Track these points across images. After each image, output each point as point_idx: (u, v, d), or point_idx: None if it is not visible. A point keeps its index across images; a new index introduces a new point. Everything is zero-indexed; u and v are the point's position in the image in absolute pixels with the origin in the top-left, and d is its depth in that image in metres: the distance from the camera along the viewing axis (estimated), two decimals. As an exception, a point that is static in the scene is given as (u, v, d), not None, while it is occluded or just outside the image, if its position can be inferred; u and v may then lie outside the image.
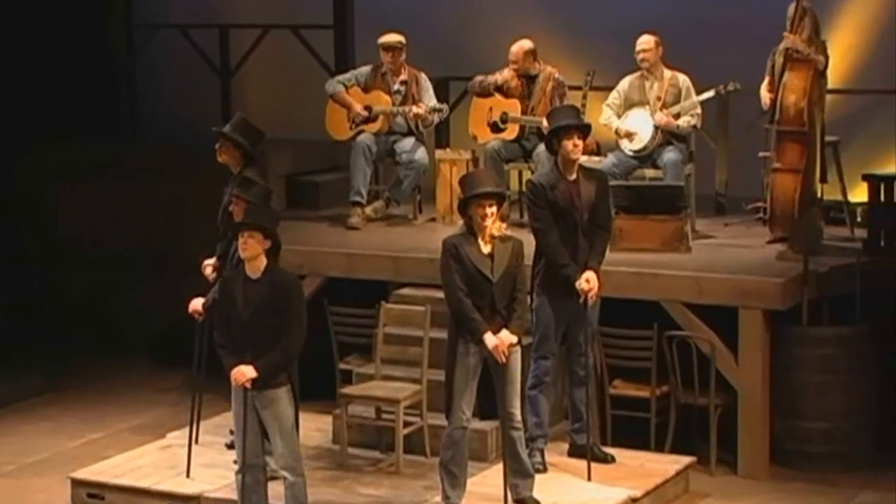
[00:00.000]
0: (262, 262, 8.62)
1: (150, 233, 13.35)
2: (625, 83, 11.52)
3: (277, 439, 8.64)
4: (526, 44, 11.87)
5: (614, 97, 11.53)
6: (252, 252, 8.57)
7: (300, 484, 8.75)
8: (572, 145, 9.39)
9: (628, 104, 11.46)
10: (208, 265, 9.80)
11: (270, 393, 8.60)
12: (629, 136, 11.39)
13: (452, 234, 8.98)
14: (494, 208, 8.82)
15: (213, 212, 10.07)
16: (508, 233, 9.00)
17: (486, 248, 8.83)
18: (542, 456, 9.58)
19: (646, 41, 11.36)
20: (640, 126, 11.40)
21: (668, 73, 11.41)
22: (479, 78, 12.06)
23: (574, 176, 9.47)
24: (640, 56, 11.35)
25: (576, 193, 9.42)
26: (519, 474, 9.03)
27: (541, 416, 9.55)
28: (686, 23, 12.28)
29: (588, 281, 9.38)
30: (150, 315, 13.18)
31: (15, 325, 13.49)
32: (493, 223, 8.81)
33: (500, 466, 9.08)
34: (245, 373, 8.49)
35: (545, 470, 9.51)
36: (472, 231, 8.85)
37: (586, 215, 9.44)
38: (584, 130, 9.53)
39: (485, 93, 11.98)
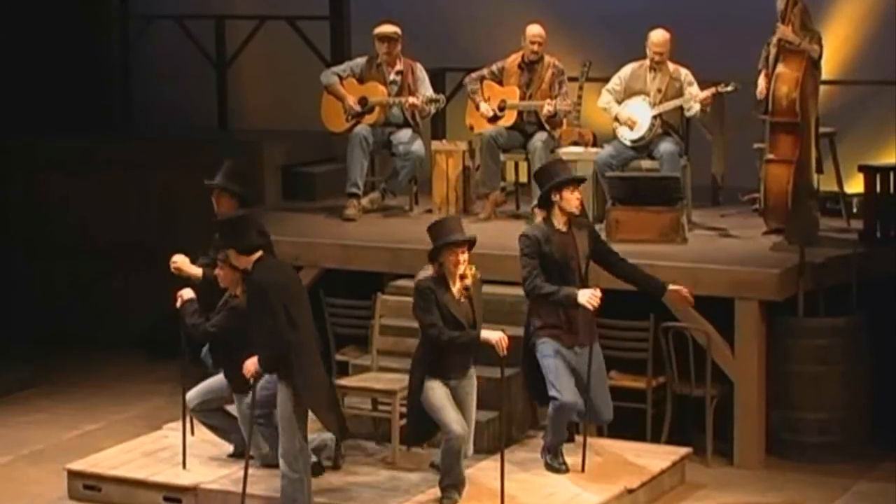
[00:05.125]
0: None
1: (142, 225, 13.33)
2: (627, 70, 11.50)
3: (279, 432, 8.79)
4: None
5: (615, 83, 11.51)
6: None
7: (294, 481, 8.79)
8: (575, 199, 9.40)
9: (628, 92, 11.45)
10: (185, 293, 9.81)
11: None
12: (630, 123, 11.38)
13: (423, 277, 9.02)
14: (466, 255, 8.94)
15: (206, 204, 10.09)
16: (478, 275, 9.06)
17: (460, 297, 8.93)
18: (563, 456, 9.59)
19: (663, 43, 11.27)
20: (639, 115, 11.39)
21: (671, 66, 11.40)
22: (472, 77, 12.03)
23: (566, 228, 9.46)
24: (657, 59, 11.30)
25: (571, 245, 9.40)
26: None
27: (561, 437, 9.55)
28: (679, 12, 12.27)
29: (679, 291, 9.47)
30: (143, 307, 13.16)
31: (4, 318, 13.49)
32: (465, 268, 8.93)
33: (496, 458, 9.11)
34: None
35: (567, 469, 9.51)
36: (443, 277, 8.92)
37: (584, 264, 9.42)
38: (581, 183, 9.58)
39: (473, 102, 11.97)
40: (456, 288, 8.94)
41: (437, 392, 8.92)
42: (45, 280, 13.78)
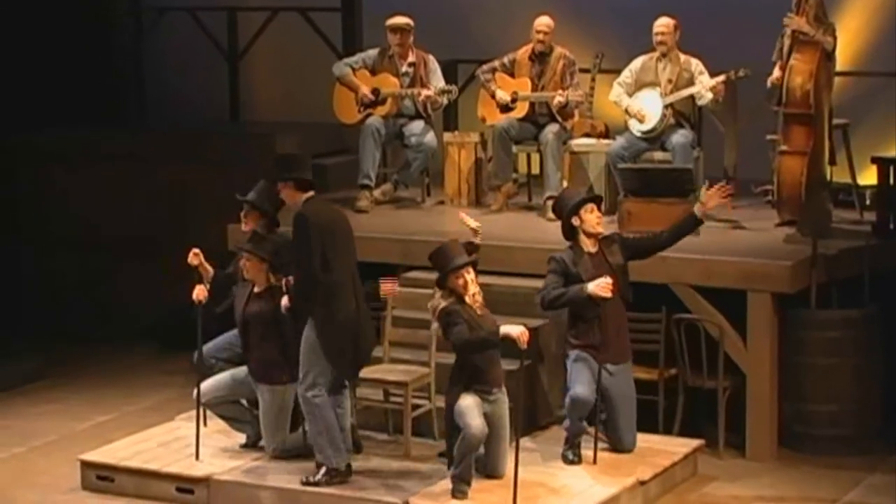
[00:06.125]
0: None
1: (152, 218, 13.35)
2: (637, 63, 11.50)
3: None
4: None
5: (626, 76, 11.51)
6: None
7: (308, 415, 9.25)
8: (595, 218, 9.45)
9: (639, 84, 11.45)
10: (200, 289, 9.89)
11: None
12: (640, 117, 11.37)
13: (445, 304, 9.05)
14: (472, 274, 9.04)
15: (217, 197, 10.13)
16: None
17: (480, 312, 9.03)
18: (579, 449, 9.60)
19: (665, 24, 11.33)
20: (650, 107, 11.38)
21: (681, 56, 11.40)
22: (484, 69, 12.03)
23: (596, 249, 9.50)
24: (658, 39, 11.33)
25: (604, 264, 9.43)
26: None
27: (577, 429, 9.56)
28: (694, 3, 12.25)
29: (707, 202, 9.49)
30: (151, 300, 13.18)
31: (13, 310, 13.52)
32: (474, 284, 9.04)
33: (511, 448, 9.11)
34: None
35: (580, 461, 9.54)
36: (460, 299, 9.02)
37: (622, 281, 9.44)
38: (598, 202, 9.59)
39: (488, 90, 11.97)
40: (475, 305, 9.03)
41: (467, 400, 8.98)
42: (53, 274, 13.80)
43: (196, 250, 9.95)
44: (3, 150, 13.84)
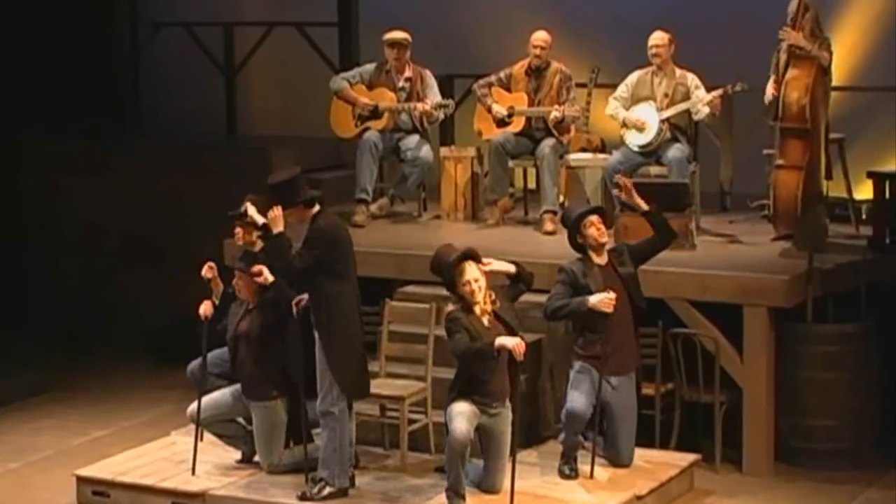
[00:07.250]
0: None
1: (150, 228, 13.37)
2: (633, 77, 11.52)
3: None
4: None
5: (622, 90, 11.53)
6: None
7: (326, 430, 9.23)
8: (596, 230, 9.48)
9: (635, 99, 11.47)
10: (207, 303, 9.90)
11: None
12: (639, 125, 11.37)
13: (449, 309, 9.07)
14: (476, 271, 8.99)
15: (214, 207, 10.14)
16: (498, 303, 9.08)
17: (486, 321, 8.99)
18: (576, 463, 9.59)
19: (659, 38, 11.35)
20: (647, 121, 11.39)
21: (677, 71, 11.41)
22: (481, 83, 12.04)
23: (605, 259, 9.52)
24: (653, 52, 11.35)
25: (613, 275, 9.46)
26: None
27: (572, 443, 9.56)
28: (691, 19, 12.29)
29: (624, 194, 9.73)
30: (151, 310, 13.19)
31: (13, 319, 13.53)
32: (482, 291, 8.97)
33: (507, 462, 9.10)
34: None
35: (576, 476, 9.52)
36: (467, 306, 8.99)
37: (634, 290, 9.47)
38: (600, 213, 9.61)
39: (484, 105, 11.98)
40: (485, 318, 8.99)
41: (459, 406, 8.96)
42: (57, 277, 13.85)
43: (211, 264, 9.95)
44: (8, 152, 13.89)
